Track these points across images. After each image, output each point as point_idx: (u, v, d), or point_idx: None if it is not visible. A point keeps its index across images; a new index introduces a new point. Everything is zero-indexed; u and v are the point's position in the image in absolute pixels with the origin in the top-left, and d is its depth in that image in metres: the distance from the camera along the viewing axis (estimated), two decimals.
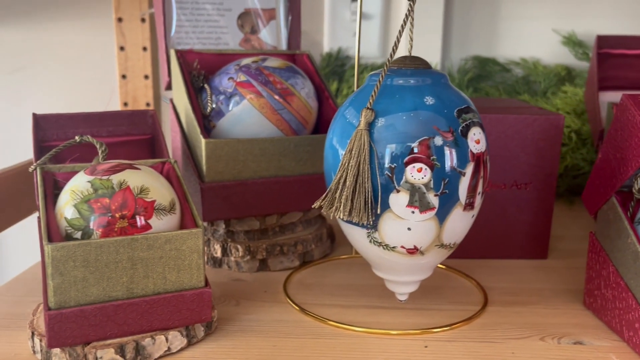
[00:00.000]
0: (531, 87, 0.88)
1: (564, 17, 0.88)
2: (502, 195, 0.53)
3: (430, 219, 0.36)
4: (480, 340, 0.39)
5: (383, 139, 0.35)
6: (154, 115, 0.50)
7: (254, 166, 0.49)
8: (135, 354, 0.35)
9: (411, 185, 0.35)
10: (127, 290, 0.35)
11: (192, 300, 0.37)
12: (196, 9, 0.61)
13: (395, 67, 0.38)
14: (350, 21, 0.88)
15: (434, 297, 0.46)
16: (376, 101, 0.36)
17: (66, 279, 0.33)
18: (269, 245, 0.51)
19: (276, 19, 0.64)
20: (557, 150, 0.52)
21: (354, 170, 0.35)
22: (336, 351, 0.38)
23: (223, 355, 0.37)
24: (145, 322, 0.36)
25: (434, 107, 0.36)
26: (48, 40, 0.88)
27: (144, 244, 0.35)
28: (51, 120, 0.47)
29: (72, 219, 0.35)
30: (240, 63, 0.51)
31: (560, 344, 0.39)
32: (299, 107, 0.51)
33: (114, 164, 0.37)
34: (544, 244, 0.55)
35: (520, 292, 0.47)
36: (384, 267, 0.40)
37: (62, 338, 0.34)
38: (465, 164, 0.36)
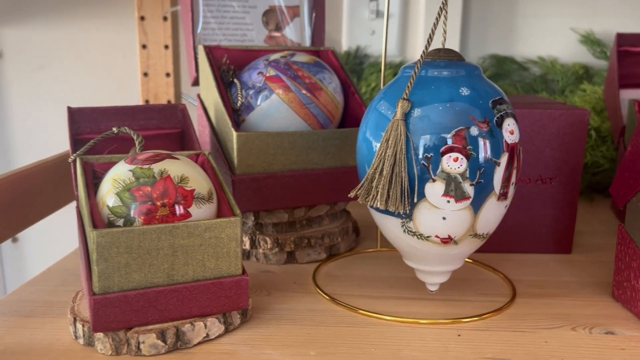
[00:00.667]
0: (549, 86, 0.89)
1: (581, 16, 0.88)
2: (527, 189, 0.53)
3: (465, 208, 0.36)
4: (512, 330, 0.40)
5: (419, 129, 0.36)
6: (184, 110, 0.51)
7: (284, 159, 0.49)
8: (175, 339, 0.36)
9: (447, 175, 0.36)
10: (167, 276, 0.36)
11: (230, 288, 0.37)
12: (222, 6, 0.62)
13: (429, 59, 0.38)
14: (369, 20, 0.89)
15: (462, 289, 0.47)
16: (411, 92, 0.37)
17: (110, 265, 0.34)
18: (296, 237, 0.51)
19: (300, 17, 0.65)
20: (582, 145, 0.53)
21: (390, 160, 0.36)
22: (370, 339, 0.38)
23: (260, 342, 0.37)
24: (185, 308, 0.36)
25: (469, 98, 0.36)
26: (72, 38, 0.90)
27: (184, 231, 0.36)
28: (85, 113, 0.48)
29: (115, 207, 0.36)
30: (269, 58, 0.52)
31: (591, 334, 0.39)
32: (327, 101, 0.52)
33: (154, 153, 0.38)
34: (568, 239, 0.55)
35: (547, 284, 0.48)
36: (416, 257, 0.40)
37: (106, 323, 0.35)
38: (500, 154, 0.36)
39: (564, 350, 0.37)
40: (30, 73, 0.92)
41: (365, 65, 0.90)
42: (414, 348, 0.37)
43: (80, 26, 0.90)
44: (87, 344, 0.36)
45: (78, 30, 0.90)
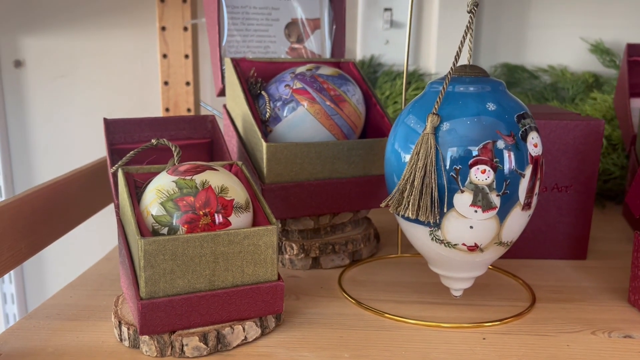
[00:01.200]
0: (559, 94, 0.90)
1: (590, 26, 0.90)
2: (544, 197, 0.55)
3: (492, 217, 0.38)
4: (535, 334, 0.42)
5: (447, 142, 0.38)
6: (213, 121, 0.53)
7: (310, 168, 0.51)
8: (216, 342, 0.38)
9: (475, 186, 0.37)
10: (209, 282, 0.38)
11: (267, 293, 0.39)
12: (246, 19, 0.64)
13: (456, 75, 0.40)
14: (383, 30, 0.91)
15: (483, 294, 0.48)
16: (440, 107, 0.39)
17: (156, 271, 0.36)
18: (321, 244, 0.53)
19: (321, 29, 0.67)
20: (597, 154, 0.55)
21: (421, 172, 0.37)
22: (399, 342, 0.40)
23: (296, 345, 0.39)
24: (225, 312, 0.38)
25: (495, 113, 0.38)
26: (92, 47, 0.92)
27: (225, 239, 0.37)
28: (120, 124, 0.50)
29: (159, 216, 0.38)
30: (295, 71, 0.54)
31: (611, 338, 0.41)
32: (350, 112, 0.54)
33: (194, 165, 0.40)
34: (583, 245, 0.57)
35: (565, 290, 0.50)
36: (442, 263, 0.42)
37: (152, 326, 0.36)
38: (525, 166, 0.38)
39: (585, 353, 0.39)
40: (52, 81, 0.94)
41: (379, 74, 0.92)
42: (442, 351, 0.39)
43: (100, 36, 0.92)
44: (132, 346, 0.38)
45: (98, 40, 0.92)
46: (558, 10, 0.90)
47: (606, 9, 0.90)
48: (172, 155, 0.46)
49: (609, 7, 0.89)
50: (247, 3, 0.64)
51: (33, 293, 1.00)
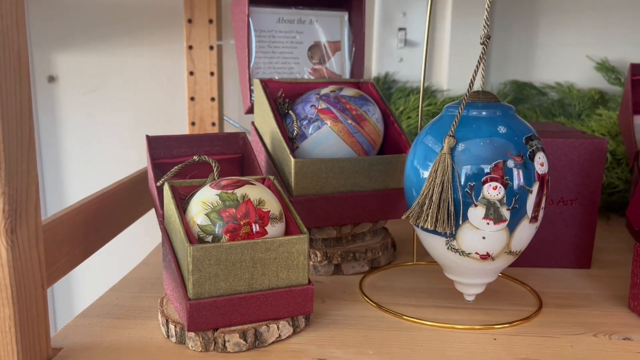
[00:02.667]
0: (566, 110, 0.95)
1: (597, 45, 0.95)
2: (550, 210, 0.59)
3: (502, 229, 0.43)
4: (541, 335, 0.46)
5: (463, 161, 0.42)
6: (244, 138, 0.58)
7: (334, 182, 0.56)
8: (254, 338, 0.42)
9: (487, 201, 0.42)
10: (248, 285, 0.42)
11: (299, 295, 0.44)
12: (272, 42, 0.69)
13: (470, 100, 0.45)
14: (397, 48, 0.95)
15: (494, 299, 0.52)
16: (456, 129, 0.43)
17: (203, 275, 0.41)
18: (343, 251, 0.58)
19: (341, 51, 0.72)
20: (600, 170, 0.59)
21: (438, 188, 0.42)
22: (418, 341, 0.44)
23: (324, 342, 0.43)
24: (262, 312, 0.43)
25: (506, 135, 0.42)
26: (122, 64, 0.97)
27: (263, 246, 0.42)
28: (160, 141, 0.55)
29: (204, 225, 0.42)
30: (320, 92, 0.59)
31: (611, 340, 0.45)
32: (370, 130, 0.58)
33: (234, 179, 0.45)
34: (588, 255, 0.61)
35: (570, 296, 0.53)
36: (456, 270, 0.46)
37: (198, 324, 0.41)
38: (532, 183, 0.42)
39: (587, 353, 0.43)
40: (83, 96, 1.00)
41: (393, 91, 0.97)
42: (457, 349, 0.43)
43: (130, 53, 0.97)
44: (179, 342, 0.43)
45: (128, 57, 0.97)
46: (565, 30, 0.95)
47: (611, 29, 0.94)
48: (209, 170, 0.51)
49: (614, 27, 0.94)
50: (273, 27, 0.69)
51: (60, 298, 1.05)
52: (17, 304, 0.36)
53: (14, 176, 0.35)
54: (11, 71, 0.34)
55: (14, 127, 0.34)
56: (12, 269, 0.35)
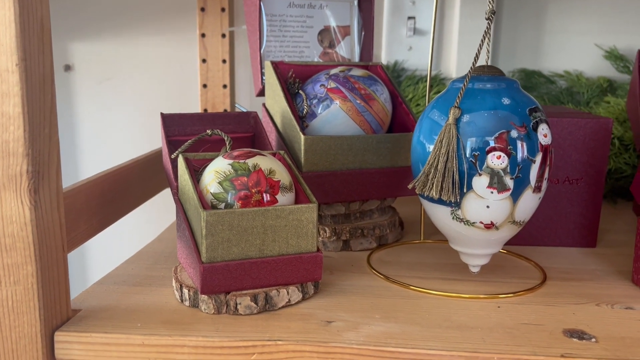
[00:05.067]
0: (574, 98, 0.95)
1: (605, 33, 0.95)
2: (556, 189, 0.60)
3: (506, 198, 0.44)
4: (545, 304, 0.47)
5: (468, 132, 0.43)
6: (256, 117, 0.59)
7: (343, 159, 0.57)
8: (265, 302, 0.44)
9: (491, 170, 0.43)
10: (259, 251, 0.44)
11: (308, 262, 0.45)
12: (283, 26, 0.70)
13: (475, 74, 0.46)
14: (406, 37, 0.97)
15: (499, 273, 0.53)
16: (461, 102, 0.44)
17: (215, 239, 0.42)
18: (351, 228, 0.59)
19: (350, 35, 0.73)
20: (605, 150, 0.59)
21: (444, 157, 0.43)
22: (424, 309, 0.46)
23: (333, 308, 0.45)
24: (272, 277, 0.44)
25: (510, 107, 0.44)
26: (137, 52, 0.99)
27: (274, 214, 0.43)
28: (174, 119, 0.57)
29: (217, 193, 0.44)
30: (329, 72, 0.60)
31: (613, 309, 0.46)
32: (379, 110, 0.60)
33: (246, 151, 0.46)
34: (593, 233, 0.61)
35: (575, 271, 0.54)
36: (462, 241, 0.48)
37: (211, 286, 0.43)
38: (535, 153, 0.43)
39: (589, 319, 0.44)
40: (98, 84, 1.02)
41: (403, 79, 0.98)
42: (461, 315, 0.44)
43: (144, 41, 0.99)
44: (192, 305, 0.44)
45: (142, 45, 1.00)
46: (574, 18, 0.95)
47: (620, 17, 0.94)
48: (222, 146, 0.53)
49: (623, 15, 0.94)
50: (284, 12, 0.70)
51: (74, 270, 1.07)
52: (40, 262, 0.38)
53: (37, 139, 0.37)
54: (35, 38, 0.35)
55: (37, 91, 0.36)
56: (35, 228, 0.37)
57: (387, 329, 0.41)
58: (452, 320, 0.43)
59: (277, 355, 0.39)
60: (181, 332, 0.40)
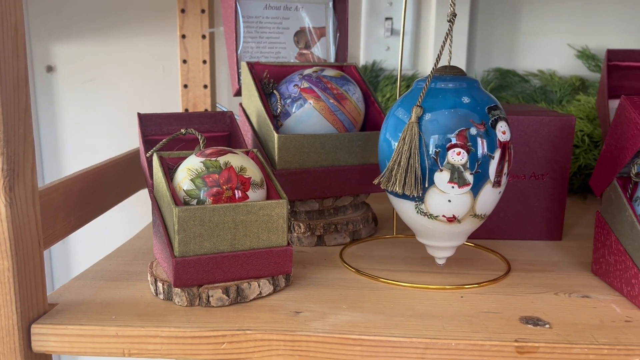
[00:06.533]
0: (548, 96, 0.98)
1: (578, 33, 0.98)
2: (522, 184, 0.62)
3: (466, 193, 0.46)
4: (505, 294, 0.49)
5: (429, 130, 0.45)
6: (231, 116, 0.61)
7: (316, 157, 0.59)
8: (236, 294, 0.45)
9: (452, 166, 0.45)
10: (230, 245, 0.45)
11: (279, 255, 0.47)
12: (260, 28, 0.72)
13: (437, 74, 0.48)
14: (384, 37, 0.99)
15: (465, 265, 0.56)
16: (423, 101, 0.46)
17: (187, 234, 0.44)
18: (325, 223, 0.61)
19: (326, 36, 0.75)
20: (569, 146, 0.62)
21: (407, 154, 0.45)
22: (390, 298, 0.47)
23: (302, 299, 0.47)
24: (243, 271, 0.46)
25: (469, 105, 0.46)
26: (118, 53, 1.01)
27: (244, 209, 0.45)
28: (151, 118, 0.58)
29: (189, 190, 0.46)
30: (303, 73, 0.62)
31: (570, 297, 0.48)
32: (351, 109, 0.62)
33: (218, 149, 0.48)
34: (559, 227, 0.64)
35: (539, 263, 0.57)
36: (427, 234, 0.50)
37: (184, 280, 0.44)
38: (494, 149, 0.46)
39: (546, 307, 0.46)
40: (80, 85, 1.03)
41: (381, 78, 1.00)
42: (425, 304, 0.46)
43: (126, 42, 1.01)
44: (166, 298, 0.46)
45: (123, 46, 1.01)
46: (547, 19, 0.98)
47: (591, 18, 0.97)
48: (197, 145, 0.54)
49: (594, 16, 0.97)
50: (260, 13, 0.72)
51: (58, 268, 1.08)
52: (15, 257, 0.39)
53: (12, 138, 0.38)
54: (9, 42, 0.37)
55: (11, 93, 0.37)
56: (11, 224, 0.38)
57: (352, 318, 0.43)
58: (416, 310, 0.45)
59: (246, 344, 0.41)
60: (154, 323, 0.42)
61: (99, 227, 1.01)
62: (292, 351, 0.40)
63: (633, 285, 0.47)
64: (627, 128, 0.48)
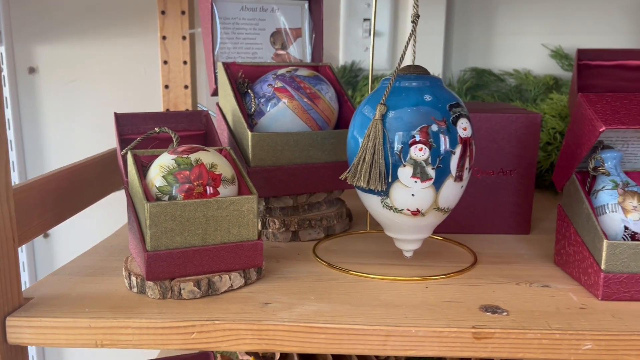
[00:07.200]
0: (523, 95, 1.00)
1: (552, 33, 1.00)
2: (491, 180, 0.64)
3: (429, 187, 0.48)
4: (469, 285, 0.51)
5: (393, 127, 0.47)
6: (207, 115, 0.63)
7: (289, 154, 0.61)
8: (207, 287, 0.47)
9: (414, 161, 0.47)
10: (201, 239, 0.47)
11: (249, 249, 0.48)
12: (237, 29, 0.73)
13: (402, 73, 0.50)
14: (362, 38, 1.00)
15: (434, 258, 0.57)
16: (387, 99, 0.48)
17: (159, 229, 0.45)
18: (300, 219, 0.62)
19: (302, 37, 0.76)
20: (535, 142, 0.64)
21: (371, 150, 0.47)
22: (357, 289, 0.49)
23: (272, 291, 0.48)
24: (214, 264, 0.47)
25: (431, 103, 0.47)
26: (100, 54, 1.02)
27: (215, 205, 0.47)
28: (128, 118, 0.60)
29: (161, 186, 0.47)
30: (277, 73, 0.64)
31: (530, 287, 0.50)
32: (324, 108, 0.63)
33: (190, 146, 0.49)
34: (527, 221, 0.66)
35: (505, 255, 0.59)
36: (393, 227, 0.51)
37: (156, 273, 0.46)
38: (455, 145, 0.47)
39: (506, 297, 0.48)
40: (63, 86, 1.04)
41: (360, 78, 1.02)
42: (390, 295, 0.48)
43: (108, 44, 1.02)
44: (140, 292, 0.47)
45: (105, 48, 1.02)
46: (522, 20, 1.00)
47: (565, 19, 0.99)
48: (172, 143, 0.56)
49: (567, 17, 0.99)
50: (237, 15, 0.73)
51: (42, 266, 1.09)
52: None
53: None
54: None
55: None
56: None
57: (319, 308, 0.45)
58: (381, 300, 0.47)
59: (215, 333, 0.42)
60: (126, 315, 0.43)
61: (84, 224, 1.02)
62: (260, 340, 0.42)
63: (589, 274, 0.49)
64: (583, 124, 0.50)
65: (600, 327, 0.42)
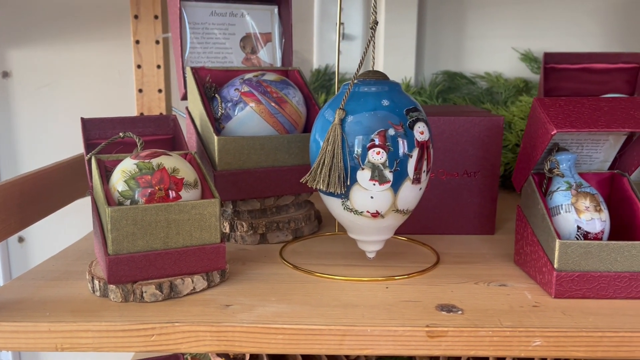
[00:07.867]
0: (494, 98, 1.02)
1: (521, 37, 1.02)
2: (455, 182, 0.66)
3: (387, 189, 0.49)
4: (429, 284, 0.52)
5: (352, 131, 0.48)
6: (175, 120, 0.63)
7: (256, 158, 0.61)
8: (169, 290, 0.47)
9: (372, 164, 0.48)
10: (163, 243, 0.47)
11: (211, 252, 0.49)
12: (206, 33, 0.74)
13: (362, 78, 0.51)
14: (336, 42, 1.02)
15: (397, 258, 0.59)
16: (347, 103, 0.49)
17: (120, 233, 0.46)
18: (267, 222, 0.63)
19: (272, 42, 0.77)
20: (499, 144, 0.65)
21: (330, 154, 0.48)
22: (318, 290, 0.50)
23: (234, 293, 0.49)
24: (177, 267, 0.48)
25: (389, 108, 0.49)
26: (73, 58, 1.02)
27: (176, 209, 0.47)
28: (95, 123, 0.60)
29: (123, 191, 0.47)
30: (244, 77, 0.64)
31: (488, 286, 0.51)
32: (291, 112, 0.64)
33: (152, 151, 0.50)
34: (491, 222, 0.67)
35: (468, 256, 0.60)
36: (355, 229, 0.52)
37: (117, 277, 0.46)
38: (412, 149, 0.49)
39: (463, 296, 0.49)
40: (36, 90, 1.03)
41: (334, 81, 1.03)
42: (351, 296, 0.49)
43: (81, 48, 1.02)
44: (102, 295, 0.48)
45: (79, 52, 1.02)
46: (493, 23, 1.02)
47: (533, 23, 1.02)
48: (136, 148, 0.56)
49: (536, 21, 1.02)
50: (207, 20, 0.74)
51: None
52: None
53: None
54: None
55: None
56: None
57: (278, 310, 0.46)
58: (340, 300, 0.48)
59: (174, 335, 0.43)
60: (87, 318, 0.44)
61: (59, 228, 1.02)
62: (219, 341, 0.43)
63: (544, 273, 0.50)
64: (537, 127, 0.52)
65: (550, 324, 0.43)
